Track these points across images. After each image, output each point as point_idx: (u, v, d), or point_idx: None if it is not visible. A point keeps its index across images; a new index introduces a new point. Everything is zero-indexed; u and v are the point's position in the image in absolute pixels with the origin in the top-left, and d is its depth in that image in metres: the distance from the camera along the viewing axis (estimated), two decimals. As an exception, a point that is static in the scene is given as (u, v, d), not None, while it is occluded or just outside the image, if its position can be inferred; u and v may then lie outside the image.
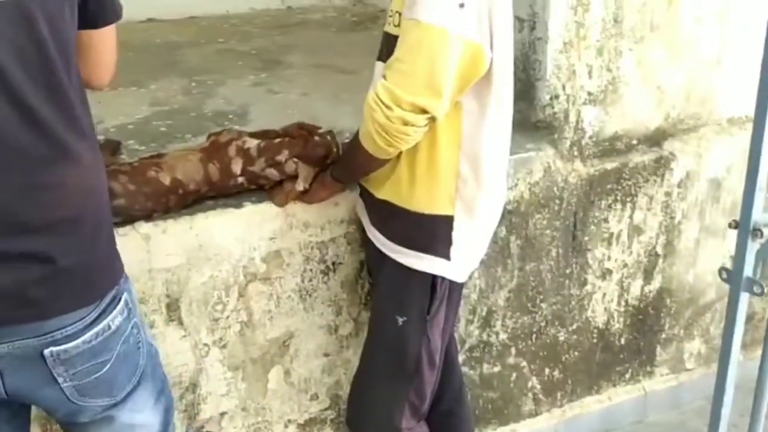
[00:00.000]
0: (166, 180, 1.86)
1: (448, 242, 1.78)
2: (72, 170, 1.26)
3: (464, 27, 1.60)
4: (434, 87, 1.61)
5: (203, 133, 2.45)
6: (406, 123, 1.61)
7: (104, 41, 1.33)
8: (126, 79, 3.04)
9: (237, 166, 1.92)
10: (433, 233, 1.78)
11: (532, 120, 2.49)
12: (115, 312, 1.38)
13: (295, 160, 1.88)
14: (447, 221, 1.77)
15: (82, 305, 1.31)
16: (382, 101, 1.60)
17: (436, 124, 1.68)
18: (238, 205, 1.98)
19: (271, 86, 3.00)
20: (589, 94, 2.43)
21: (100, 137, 2.41)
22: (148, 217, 1.86)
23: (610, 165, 2.53)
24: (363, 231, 1.98)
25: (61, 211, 1.25)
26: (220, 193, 1.96)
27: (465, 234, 1.79)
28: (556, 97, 2.42)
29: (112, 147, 2.29)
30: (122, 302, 1.41)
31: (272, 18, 4.25)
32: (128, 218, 1.83)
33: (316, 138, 1.90)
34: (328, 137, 1.91)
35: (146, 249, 1.86)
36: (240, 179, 1.94)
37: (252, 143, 1.93)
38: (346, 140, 1.92)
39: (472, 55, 1.64)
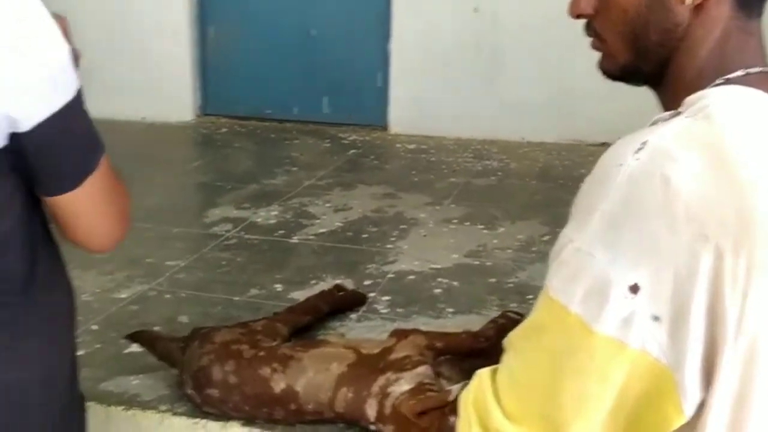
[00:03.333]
0: (278, 387, 1.41)
1: None
2: None
3: (635, 329, 0.77)
4: (552, 420, 0.83)
5: (470, 311, 1.93)
6: None
7: (69, 208, 0.97)
8: (484, 214, 2.66)
9: (371, 411, 1.36)
10: None
11: None
12: None
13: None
14: None
15: None
16: (467, 409, 0.90)
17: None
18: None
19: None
20: None
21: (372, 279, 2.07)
22: (248, 419, 1.44)
23: None
24: None
25: None
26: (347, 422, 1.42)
27: None
28: None
29: (353, 301, 1.93)
30: None
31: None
32: (223, 414, 1.45)
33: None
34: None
35: (229, 460, 1.45)
36: (372, 427, 1.37)
37: (399, 389, 1.34)
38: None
39: (651, 385, 0.79)
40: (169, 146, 3.72)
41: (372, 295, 2.00)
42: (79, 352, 1.67)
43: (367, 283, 2.09)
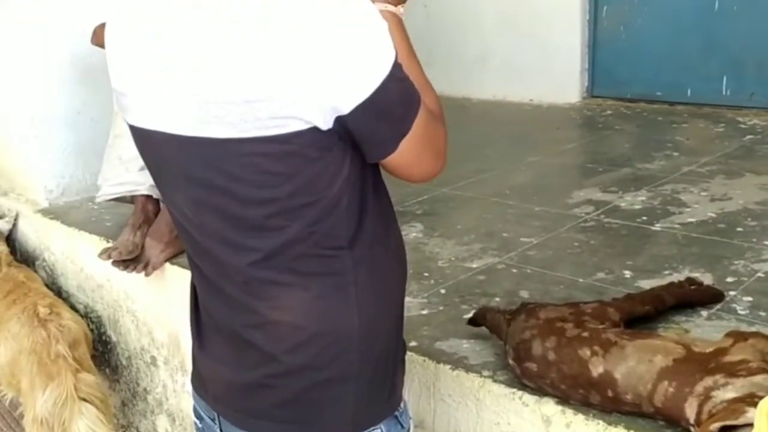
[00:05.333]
0: (596, 370, 1.36)
1: None
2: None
3: None
4: None
5: None
6: None
7: (390, 164, 1.06)
8: None
9: (691, 411, 1.25)
10: None
11: None
12: None
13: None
14: None
15: None
16: (761, 419, 0.81)
17: None
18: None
19: None
20: None
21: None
22: (564, 399, 1.43)
23: None
24: None
25: None
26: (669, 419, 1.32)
27: None
28: None
29: (706, 297, 1.76)
30: None
31: None
32: (539, 389, 1.45)
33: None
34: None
35: (543, 435, 1.45)
36: (692, 429, 1.26)
37: (723, 395, 1.20)
38: None
39: None
40: (550, 127, 3.77)
41: (732, 293, 1.80)
42: (423, 312, 1.84)
43: (729, 280, 1.88)
